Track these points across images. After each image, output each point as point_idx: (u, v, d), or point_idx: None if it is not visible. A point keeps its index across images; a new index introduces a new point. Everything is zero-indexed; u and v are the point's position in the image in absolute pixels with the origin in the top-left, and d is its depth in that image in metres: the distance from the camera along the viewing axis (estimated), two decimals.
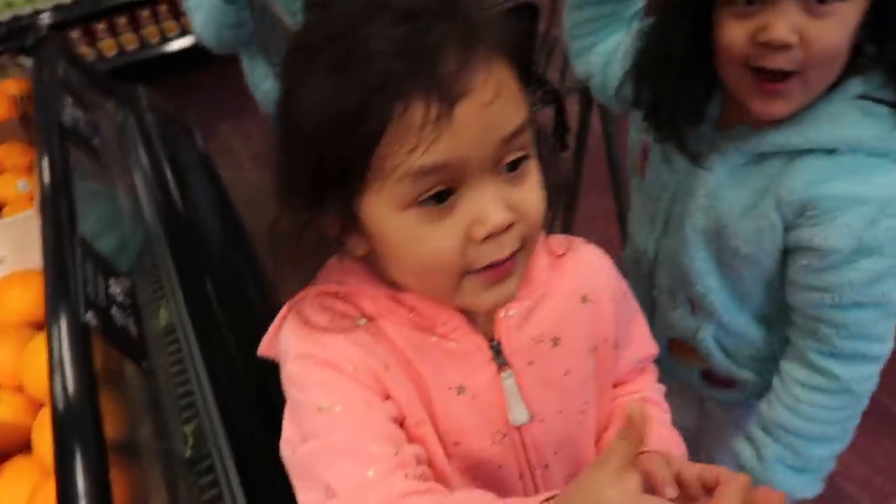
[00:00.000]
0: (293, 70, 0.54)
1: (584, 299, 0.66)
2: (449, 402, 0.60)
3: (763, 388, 0.92)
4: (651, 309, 1.01)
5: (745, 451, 0.91)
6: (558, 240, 0.67)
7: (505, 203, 0.52)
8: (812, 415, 0.84)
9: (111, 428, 0.88)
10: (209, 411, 1.00)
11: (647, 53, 0.84)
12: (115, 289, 1.00)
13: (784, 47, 0.69)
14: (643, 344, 0.76)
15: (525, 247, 0.55)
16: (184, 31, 3.53)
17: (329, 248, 0.60)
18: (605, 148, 1.39)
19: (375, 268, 0.60)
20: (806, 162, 0.77)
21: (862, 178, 0.75)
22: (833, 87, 0.75)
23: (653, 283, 0.99)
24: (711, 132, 0.84)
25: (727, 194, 0.83)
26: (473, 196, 0.51)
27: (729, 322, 0.90)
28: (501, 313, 0.62)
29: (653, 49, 0.83)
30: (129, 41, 3.46)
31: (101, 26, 3.39)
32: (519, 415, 0.62)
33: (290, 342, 0.59)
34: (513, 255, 0.54)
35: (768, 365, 0.92)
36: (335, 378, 0.56)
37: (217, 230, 1.56)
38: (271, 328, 0.63)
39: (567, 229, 1.65)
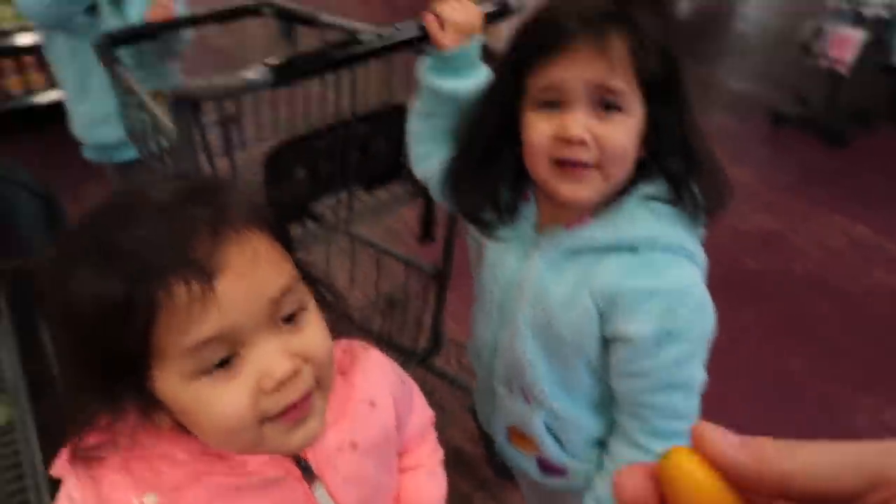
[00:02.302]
0: (61, 278, 0.55)
1: (373, 404, 0.74)
2: None
3: (590, 475, 0.99)
4: (492, 398, 1.07)
5: None
6: (342, 349, 0.74)
7: (288, 353, 0.57)
8: None
9: None
10: None
11: (457, 152, 0.95)
12: None
13: (580, 143, 0.82)
14: (422, 413, 0.87)
15: (321, 385, 0.60)
16: (51, 85, 3.36)
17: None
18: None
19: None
20: (613, 258, 0.87)
21: (658, 272, 0.85)
22: (627, 191, 0.88)
23: (492, 374, 1.05)
24: (532, 233, 0.94)
25: (550, 287, 0.91)
26: (256, 353, 0.55)
27: (559, 409, 0.97)
28: None
29: (461, 147, 0.94)
30: None
31: None
32: None
33: None
34: (308, 394, 0.58)
35: (598, 452, 0.99)
36: None
37: None
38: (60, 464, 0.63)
39: (438, 315, 1.69)
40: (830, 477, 0.26)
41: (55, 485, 0.98)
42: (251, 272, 0.54)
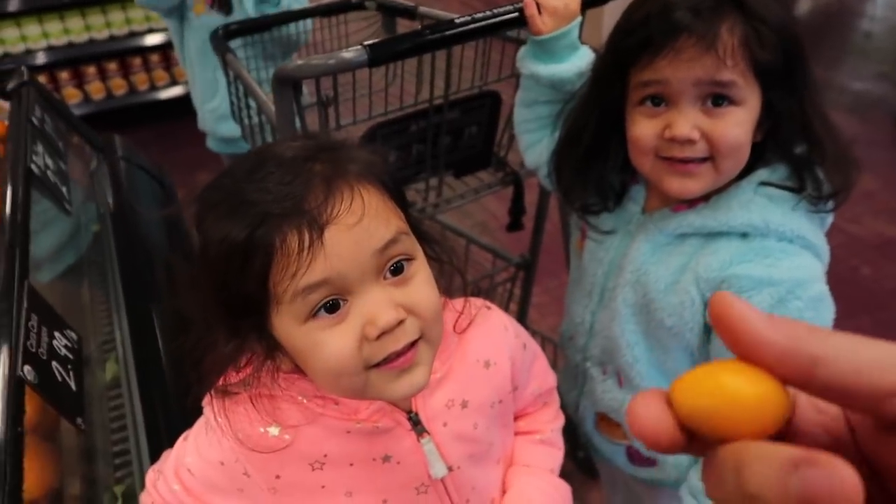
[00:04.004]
0: (200, 223, 0.62)
1: (487, 364, 0.75)
2: (375, 470, 0.70)
3: (683, 467, 0.94)
4: (583, 381, 1.05)
5: None
6: (459, 307, 0.75)
7: (393, 303, 0.59)
8: None
9: (37, 485, 0.87)
10: (143, 474, 0.99)
11: (562, 139, 0.93)
12: (60, 342, 1.00)
13: (689, 142, 0.78)
14: (542, 380, 0.86)
15: (425, 336, 0.62)
16: (173, 81, 3.60)
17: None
18: (562, 228, 1.43)
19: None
20: (722, 243, 0.83)
21: (772, 260, 0.80)
22: (742, 175, 0.83)
23: (586, 356, 1.03)
24: (639, 214, 0.91)
25: (652, 270, 0.88)
26: (362, 302, 0.59)
27: None
28: None
29: (565, 138, 0.92)
30: (118, 86, 3.52)
31: (90, 69, 3.44)
32: (438, 470, 0.71)
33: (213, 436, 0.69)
34: (412, 345, 0.60)
35: None
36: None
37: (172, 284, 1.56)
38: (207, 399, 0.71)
39: (524, 304, 1.68)
40: (865, 371, 0.23)
41: (155, 442, 1.05)
42: (358, 225, 0.57)
